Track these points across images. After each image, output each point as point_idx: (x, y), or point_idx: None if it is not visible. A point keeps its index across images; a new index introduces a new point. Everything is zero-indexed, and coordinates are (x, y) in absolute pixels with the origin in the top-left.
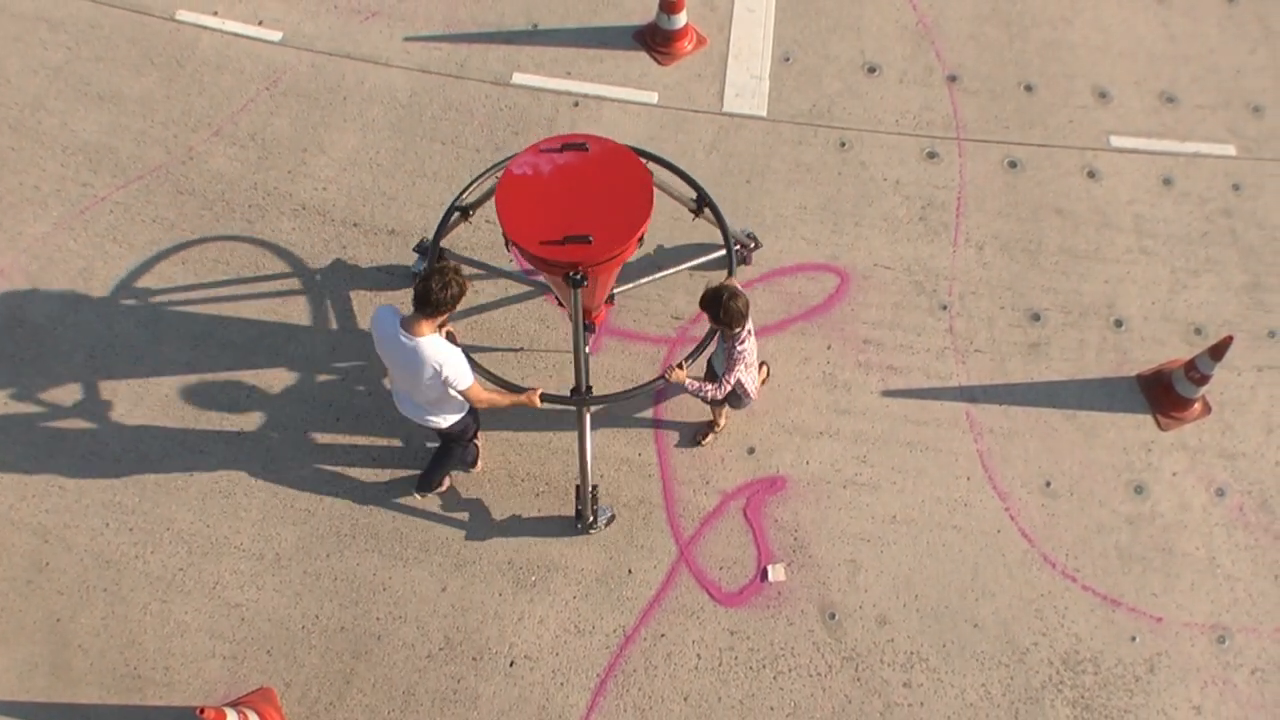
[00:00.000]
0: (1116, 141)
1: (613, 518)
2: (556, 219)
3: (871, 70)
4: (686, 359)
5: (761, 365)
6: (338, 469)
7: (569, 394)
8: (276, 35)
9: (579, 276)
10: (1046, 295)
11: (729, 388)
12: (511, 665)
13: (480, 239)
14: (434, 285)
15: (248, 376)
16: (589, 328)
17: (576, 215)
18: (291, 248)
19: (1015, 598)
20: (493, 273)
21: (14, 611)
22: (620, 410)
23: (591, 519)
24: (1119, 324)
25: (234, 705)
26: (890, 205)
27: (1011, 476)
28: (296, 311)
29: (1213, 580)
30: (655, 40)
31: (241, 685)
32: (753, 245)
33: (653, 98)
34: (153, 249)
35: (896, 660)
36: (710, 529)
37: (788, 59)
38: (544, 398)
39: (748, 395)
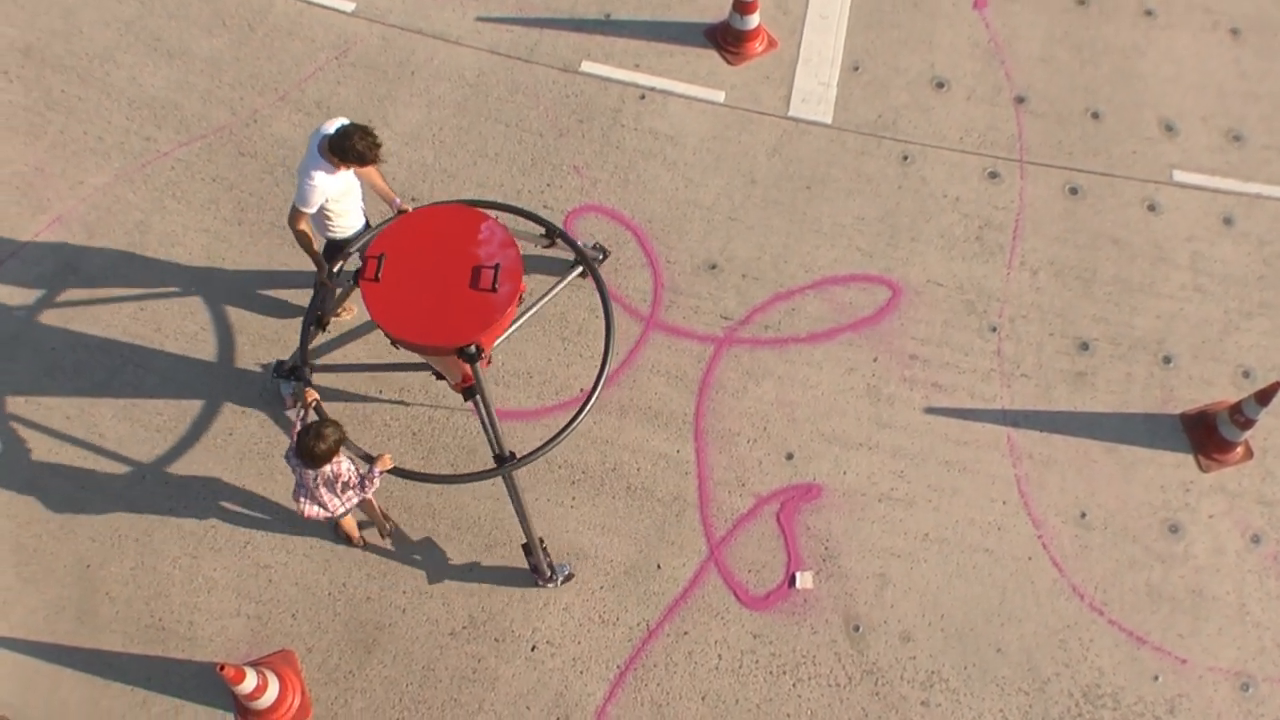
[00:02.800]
0: (1179, 176)
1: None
2: (413, 265)
3: (940, 85)
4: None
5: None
6: (377, 440)
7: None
8: (349, 6)
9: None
10: (1097, 325)
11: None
12: (533, 649)
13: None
14: (355, 139)
15: (293, 342)
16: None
17: (429, 280)
18: None
19: (1041, 626)
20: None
21: (46, 554)
22: (662, 405)
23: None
24: (1167, 360)
25: (254, 665)
26: (948, 222)
27: (1047, 504)
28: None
29: (1241, 627)
30: (726, 39)
31: (263, 646)
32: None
33: (719, 96)
34: (210, 207)
35: (917, 678)
36: (742, 531)
37: (857, 68)
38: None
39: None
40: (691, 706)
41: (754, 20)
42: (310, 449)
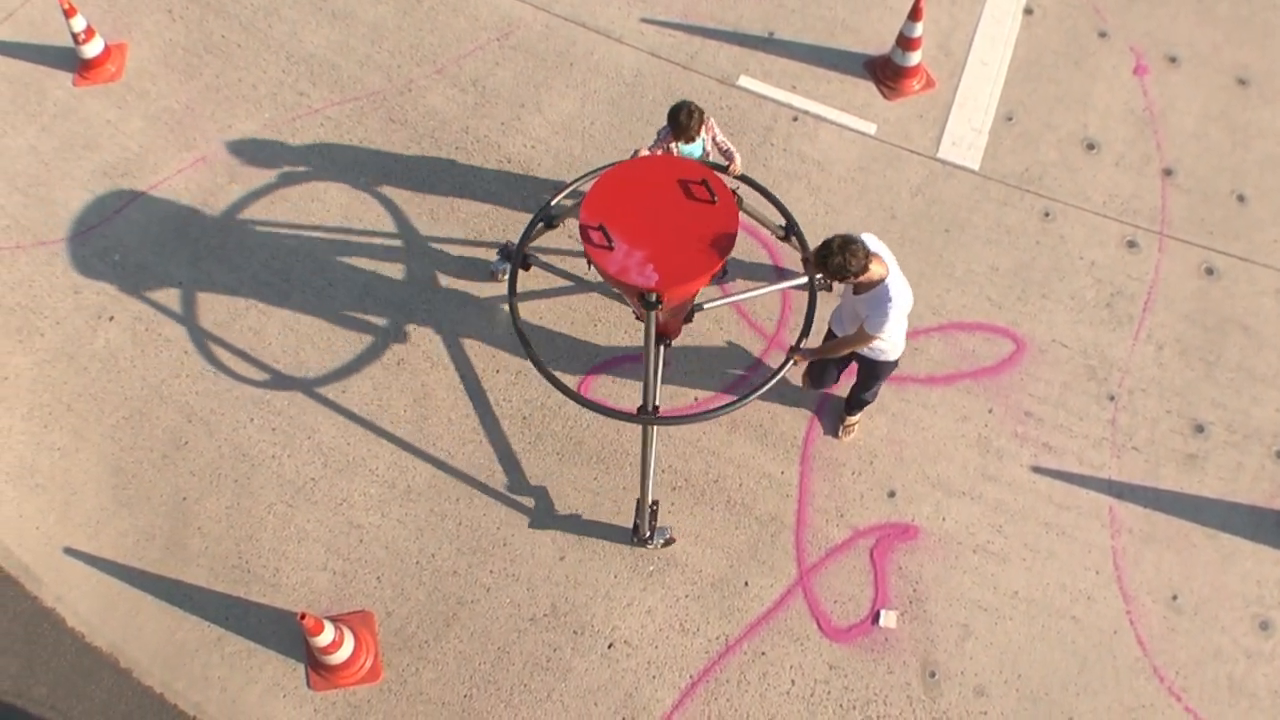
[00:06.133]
0: None
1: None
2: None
3: (1090, 147)
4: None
5: None
6: (487, 421)
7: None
8: None
9: (654, 299)
10: (1215, 410)
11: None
12: (610, 647)
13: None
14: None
15: (419, 311)
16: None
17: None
18: (489, 197)
19: (1116, 702)
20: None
21: (145, 480)
22: (774, 424)
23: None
24: None
25: (333, 620)
26: (1080, 285)
27: (1140, 581)
28: (478, 260)
29: None
30: (885, 73)
31: (344, 604)
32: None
33: (871, 128)
34: (354, 168)
35: None
36: (834, 561)
37: (1010, 118)
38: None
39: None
40: None
41: (916, 58)
42: (677, 114)
